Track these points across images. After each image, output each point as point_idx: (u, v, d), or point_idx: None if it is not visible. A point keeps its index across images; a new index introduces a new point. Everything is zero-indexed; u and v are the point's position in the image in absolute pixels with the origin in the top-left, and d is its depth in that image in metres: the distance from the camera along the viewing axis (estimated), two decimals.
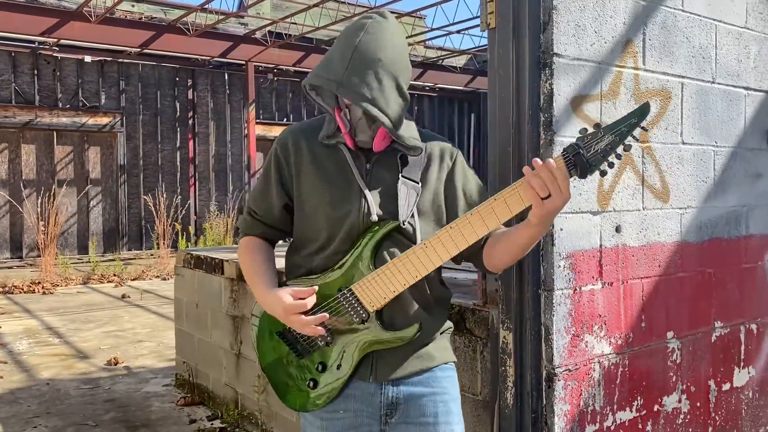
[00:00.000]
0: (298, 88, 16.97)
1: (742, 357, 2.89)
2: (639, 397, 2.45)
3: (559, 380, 2.18)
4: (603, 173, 1.54)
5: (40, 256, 11.57)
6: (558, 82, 2.15)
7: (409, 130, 1.74)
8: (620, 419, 2.39)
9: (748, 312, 2.90)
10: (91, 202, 15.07)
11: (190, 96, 16.14)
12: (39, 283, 10.38)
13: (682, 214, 2.60)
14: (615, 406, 2.37)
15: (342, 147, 1.75)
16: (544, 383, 2.18)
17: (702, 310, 2.69)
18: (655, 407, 2.52)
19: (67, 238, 14.50)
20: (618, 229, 2.36)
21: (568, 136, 2.17)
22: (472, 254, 1.78)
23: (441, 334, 1.85)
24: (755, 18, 2.90)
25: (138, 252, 15.15)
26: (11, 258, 13.92)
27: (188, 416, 4.60)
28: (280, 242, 1.96)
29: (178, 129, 16.05)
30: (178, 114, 16.04)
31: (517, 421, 2.20)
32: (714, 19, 2.70)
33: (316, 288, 1.70)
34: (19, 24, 11.85)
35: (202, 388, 4.94)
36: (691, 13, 2.60)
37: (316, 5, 12.49)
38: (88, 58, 14.44)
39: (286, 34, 14.64)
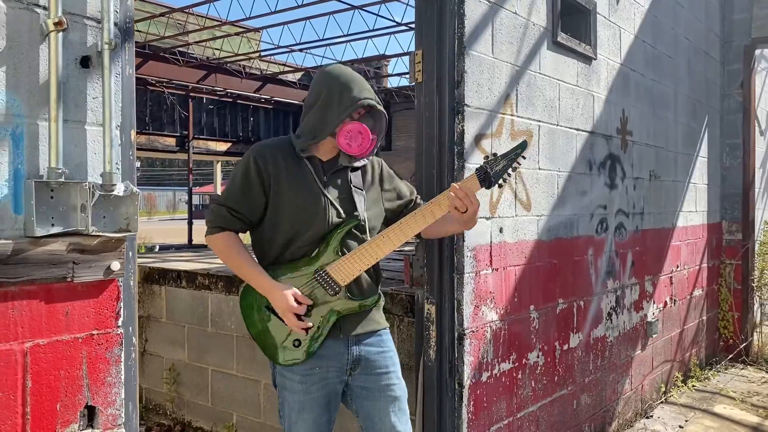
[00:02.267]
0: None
1: (575, 325, 3.96)
2: (514, 353, 3.37)
3: (466, 338, 3.02)
4: (500, 186, 2.32)
5: None
6: (467, 124, 3.00)
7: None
8: (503, 369, 3.29)
9: (578, 292, 3.97)
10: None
11: None
12: None
13: (538, 220, 3.58)
14: (500, 359, 3.26)
15: (306, 161, 2.27)
16: (456, 341, 3.00)
17: (551, 290, 3.70)
18: (524, 360, 3.45)
19: None
20: (501, 230, 3.26)
21: (473, 162, 3.02)
22: None
23: (377, 304, 2.46)
24: (583, 78, 4.00)
25: None
26: None
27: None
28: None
29: None
30: None
31: (438, 370, 3.00)
32: (558, 79, 3.73)
33: (310, 302, 2.22)
34: None
35: None
36: (544, 75, 3.60)
37: (161, 15, 12.52)
38: None
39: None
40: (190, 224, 17.24)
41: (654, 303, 5.06)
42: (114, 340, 1.70)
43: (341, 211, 2.28)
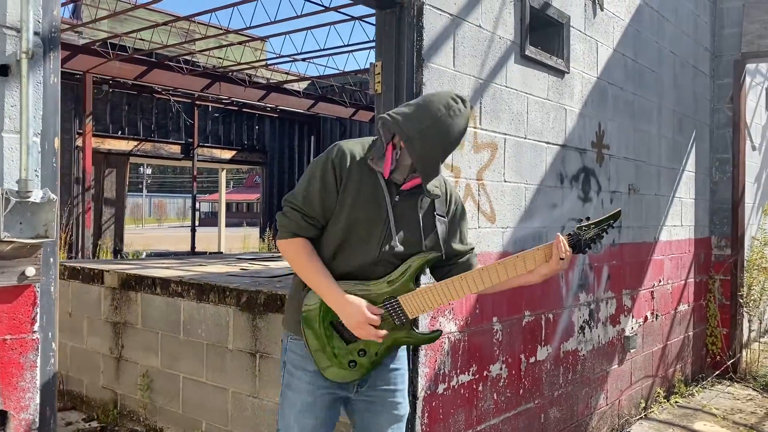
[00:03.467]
0: (135, 101, 16.74)
1: (543, 338, 3.94)
2: (474, 365, 3.36)
3: (421, 350, 3.02)
4: (584, 252, 2.17)
5: None
6: None
7: (436, 180, 2.17)
8: (461, 381, 3.28)
9: (547, 304, 3.96)
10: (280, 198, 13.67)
11: None
12: None
13: (504, 232, 3.57)
14: (458, 371, 3.25)
15: (380, 174, 2.11)
16: (411, 352, 3.00)
17: (516, 302, 3.69)
18: (485, 372, 3.44)
19: None
20: None
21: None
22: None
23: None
24: (554, 92, 4.00)
25: None
26: None
27: (63, 420, 4.84)
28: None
29: None
30: None
31: None
32: (526, 93, 3.74)
33: (383, 311, 2.11)
34: None
35: (74, 394, 5.18)
36: (511, 88, 3.61)
37: (165, 23, 12.65)
38: None
39: (131, 47, 14.51)
40: (193, 231, 17.34)
41: (633, 317, 5.03)
42: (29, 345, 1.72)
43: (401, 238, 2.14)
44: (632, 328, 5.02)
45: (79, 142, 15.21)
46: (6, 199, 1.61)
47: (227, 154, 19.21)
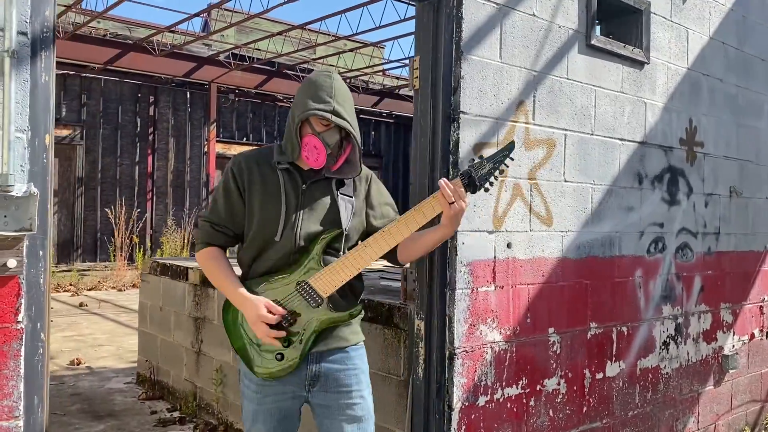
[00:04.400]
0: (259, 109, 17.53)
1: (614, 353, 3.61)
2: (524, 378, 3.14)
3: (458, 359, 2.85)
4: (486, 190, 2.23)
5: None
6: (463, 132, 2.85)
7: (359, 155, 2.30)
8: (508, 394, 3.07)
9: (620, 317, 3.63)
10: (193, 215, 15.20)
11: (151, 112, 16.50)
12: None
13: (563, 236, 3.31)
14: (504, 383, 3.04)
15: (282, 172, 2.23)
16: (446, 361, 2.84)
17: (579, 312, 3.40)
18: (538, 387, 3.20)
19: None
20: (509, 246, 3.06)
21: None
22: (388, 252, 2.33)
23: (354, 318, 2.31)
24: (630, 84, 3.67)
25: (92, 264, 15.33)
26: None
27: (149, 408, 5.10)
28: None
29: (138, 144, 16.37)
30: (138, 129, 16.37)
31: (425, 390, 2.85)
32: (594, 85, 3.45)
33: (285, 312, 2.17)
34: None
35: (163, 384, 5.45)
36: (574, 80, 3.35)
37: (279, 33, 13.14)
38: None
39: (249, 57, 15.22)
40: None
41: (734, 334, 4.51)
42: (12, 334, 1.78)
43: (313, 223, 2.22)
44: (733, 347, 4.50)
45: (207, 148, 16.16)
46: None
47: None
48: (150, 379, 5.58)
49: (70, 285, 11.66)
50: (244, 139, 17.87)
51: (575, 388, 3.40)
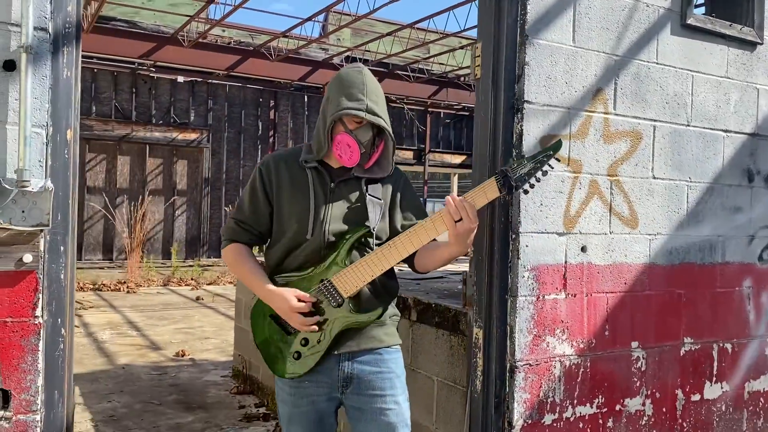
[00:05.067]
0: None
1: (715, 372, 3.19)
2: (600, 396, 2.83)
3: (519, 372, 2.61)
4: (525, 192, 2.10)
5: (127, 259, 12.66)
6: (528, 124, 2.60)
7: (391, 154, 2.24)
8: (580, 413, 2.77)
9: (722, 332, 3.20)
10: (177, 212, 16.20)
11: (271, 116, 17.13)
12: (125, 282, 11.41)
13: (651, 239, 2.96)
14: (575, 401, 2.75)
15: (311, 171, 2.20)
16: (507, 374, 2.61)
17: (670, 326, 3.03)
18: (617, 407, 2.88)
19: (153, 243, 15.65)
20: (584, 249, 2.77)
21: None
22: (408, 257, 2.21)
23: (390, 319, 2.25)
24: (738, 68, 3.23)
25: (216, 259, 16.15)
26: (102, 260, 15.16)
27: (239, 403, 5.20)
28: None
29: (260, 146, 17.05)
30: (260, 132, 17.05)
31: (483, 404, 2.64)
32: (689, 70, 3.06)
33: (314, 299, 2.12)
34: (120, 47, 13.12)
35: (253, 380, 5.54)
36: (664, 65, 2.98)
37: (389, 34, 13.16)
38: (180, 78, 15.64)
39: (362, 59, 15.39)
40: None
41: None
42: (30, 329, 1.79)
43: (340, 221, 2.17)
44: None
45: None
46: (1, 188, 1.69)
47: (457, 159, 19.43)
48: (243, 373, 5.71)
49: (192, 279, 12.32)
50: None
51: (664, 409, 3.02)
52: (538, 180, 2.06)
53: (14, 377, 1.77)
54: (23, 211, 1.74)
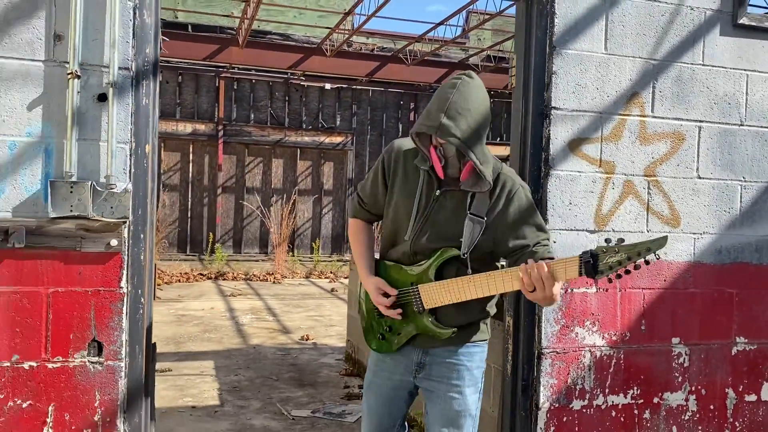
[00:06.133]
0: (509, 108, 17.68)
1: None
2: (636, 388, 2.94)
3: (546, 359, 2.82)
4: (610, 281, 1.98)
5: (275, 253, 13.85)
6: (556, 128, 2.81)
7: (488, 168, 2.17)
8: (612, 402, 2.91)
9: None
10: (323, 210, 17.34)
11: (411, 118, 17.72)
12: (272, 274, 12.54)
13: (696, 238, 3.01)
14: (606, 390, 2.90)
15: (423, 174, 2.22)
16: (535, 360, 2.83)
17: (720, 324, 3.06)
18: (655, 399, 2.97)
19: (302, 239, 16.89)
20: None
21: (563, 170, 2.80)
22: None
23: (475, 320, 2.31)
24: None
25: None
26: (258, 253, 16.63)
27: (345, 383, 5.72)
28: None
29: None
30: (400, 134, 17.70)
31: (512, 386, 2.88)
32: (743, 69, 3.06)
33: (395, 298, 2.24)
34: (273, 60, 14.35)
35: (360, 364, 6.04)
36: (712, 66, 3.01)
37: None
38: (327, 86, 16.73)
39: (496, 58, 15.49)
40: None
41: None
42: (117, 296, 2.35)
43: (431, 235, 2.24)
44: None
45: None
46: (95, 189, 2.26)
47: None
48: (352, 357, 6.23)
49: (331, 273, 13.22)
50: (498, 139, 18.20)
51: (712, 407, 3.05)
52: (627, 272, 1.92)
53: (105, 333, 2.35)
54: (111, 207, 2.31)
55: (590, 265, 1.92)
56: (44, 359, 2.32)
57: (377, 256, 2.41)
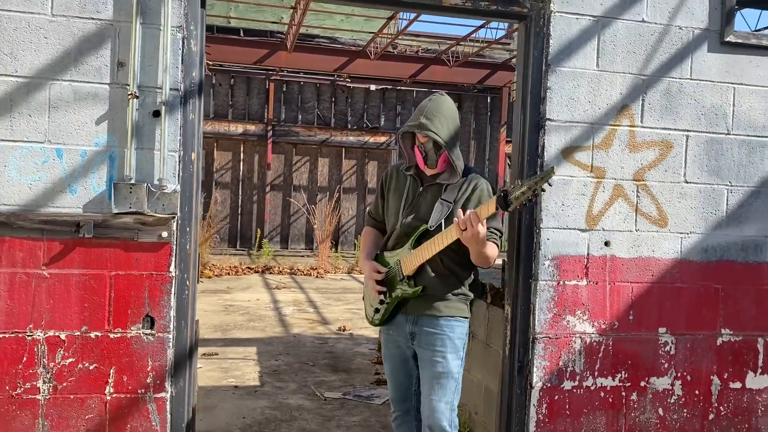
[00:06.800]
0: None
1: (760, 364, 3.40)
2: (623, 372, 3.26)
3: (539, 343, 3.16)
4: (522, 207, 2.65)
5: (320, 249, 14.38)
6: (549, 138, 3.14)
7: (459, 162, 2.80)
8: (601, 383, 3.24)
9: (765, 326, 3.40)
10: (367, 208, 17.79)
11: None
12: (315, 269, 13.07)
13: (683, 237, 3.30)
14: (596, 373, 3.23)
15: (410, 178, 2.92)
16: (529, 344, 3.18)
17: (704, 316, 3.34)
18: (642, 383, 3.28)
19: (345, 236, 17.39)
20: (607, 244, 3.22)
21: (557, 174, 3.14)
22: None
23: (454, 296, 2.86)
24: None
25: None
26: (304, 249, 17.21)
27: (376, 370, 6.13)
28: None
29: None
30: None
31: (510, 367, 3.23)
32: (730, 83, 3.33)
33: (385, 273, 2.87)
34: (321, 63, 14.88)
35: None
36: (700, 80, 3.30)
37: None
38: (372, 87, 17.17)
39: None
40: None
41: None
42: (167, 279, 2.81)
43: (414, 217, 2.85)
44: None
45: (498, 149, 17.09)
46: (149, 190, 2.73)
47: None
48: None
49: None
50: None
51: (697, 392, 3.34)
52: (529, 200, 2.53)
53: (157, 309, 2.82)
54: (163, 205, 2.77)
55: (502, 198, 2.53)
56: (107, 330, 2.80)
57: (379, 251, 3.00)
